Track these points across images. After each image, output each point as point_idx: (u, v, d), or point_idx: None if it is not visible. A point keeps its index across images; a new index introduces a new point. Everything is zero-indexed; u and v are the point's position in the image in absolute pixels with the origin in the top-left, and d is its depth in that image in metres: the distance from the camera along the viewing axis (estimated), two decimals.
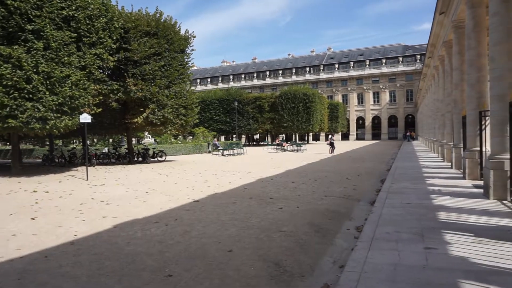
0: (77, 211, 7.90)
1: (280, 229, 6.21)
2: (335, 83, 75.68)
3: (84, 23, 14.55)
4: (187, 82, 21.25)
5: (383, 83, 70.40)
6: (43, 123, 13.06)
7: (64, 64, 13.61)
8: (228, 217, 7.11)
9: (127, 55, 17.33)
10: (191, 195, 9.70)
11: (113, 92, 17.13)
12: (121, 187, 11.31)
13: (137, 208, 8.08)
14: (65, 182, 12.92)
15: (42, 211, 7.92)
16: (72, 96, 13.58)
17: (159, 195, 9.72)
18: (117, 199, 9.19)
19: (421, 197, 8.15)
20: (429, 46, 23.15)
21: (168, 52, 19.15)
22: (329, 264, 4.64)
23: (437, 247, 4.61)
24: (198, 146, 33.63)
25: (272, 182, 11.93)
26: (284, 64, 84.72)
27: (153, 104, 17.99)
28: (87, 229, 6.38)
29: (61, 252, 5.16)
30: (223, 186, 11.17)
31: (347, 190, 10.23)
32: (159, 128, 19.27)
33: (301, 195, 9.51)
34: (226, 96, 49.60)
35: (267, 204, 8.39)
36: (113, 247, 5.36)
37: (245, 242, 5.49)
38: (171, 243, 5.53)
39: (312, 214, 7.35)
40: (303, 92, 47.48)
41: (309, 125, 47.36)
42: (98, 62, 15.07)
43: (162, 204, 8.48)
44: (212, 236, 5.84)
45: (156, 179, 13.17)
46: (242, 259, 4.78)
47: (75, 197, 9.63)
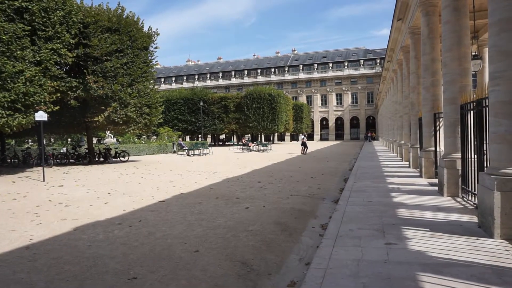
0: (32, 214, 7.49)
1: (246, 229, 6.23)
2: (299, 84, 76.95)
3: (39, 16, 13.78)
4: (151, 80, 20.76)
5: (346, 85, 72.52)
6: None
7: (17, 59, 12.84)
8: (194, 218, 7.03)
9: (87, 51, 16.62)
10: (156, 195, 9.49)
11: (72, 90, 16.37)
12: (81, 188, 10.85)
13: (98, 210, 7.80)
14: (19, 183, 12.19)
15: None
16: (26, 92, 12.84)
17: (122, 196, 9.43)
18: (77, 201, 8.81)
19: (382, 195, 8.47)
20: (388, 50, 24.14)
21: (130, 49, 18.59)
22: (295, 262, 4.72)
23: (397, 243, 4.81)
24: (163, 146, 32.97)
25: (238, 182, 11.93)
26: (250, 64, 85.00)
27: (115, 102, 17.39)
28: (44, 233, 6.07)
29: (15, 258, 4.88)
30: (188, 186, 11.03)
31: (312, 189, 10.43)
32: (121, 128, 18.62)
33: (267, 194, 9.59)
34: (191, 95, 49.00)
35: (233, 203, 8.39)
36: (73, 250, 5.13)
37: (211, 242, 5.46)
38: (135, 244, 5.38)
39: (278, 213, 7.43)
40: (268, 92, 47.87)
41: (275, 125, 47.83)
42: (55, 57, 14.34)
43: (125, 205, 8.23)
44: (178, 237, 5.75)
45: (118, 180, 12.75)
46: (208, 259, 4.74)
47: (31, 199, 9.12)
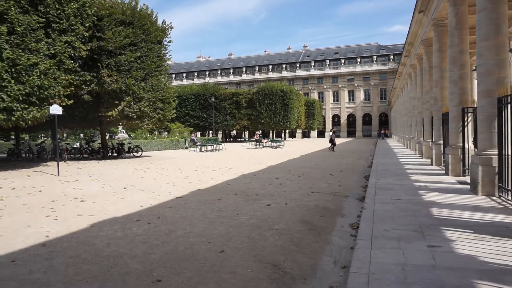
0: (48, 209, 7.25)
1: (271, 227, 5.88)
2: (311, 80, 76.19)
3: (53, 8, 13.57)
4: (164, 75, 20.50)
5: (358, 82, 71.54)
6: (8, 115, 12.10)
7: (32, 51, 12.66)
8: (214, 215, 6.71)
9: (101, 44, 16.41)
10: (173, 191, 9.20)
11: (86, 83, 16.19)
12: (96, 183, 10.63)
13: (115, 206, 7.53)
14: (34, 177, 12.04)
15: (8, 210, 7.22)
16: (40, 86, 12.65)
17: (138, 192, 9.16)
18: (93, 196, 8.57)
19: (410, 193, 8.04)
20: (406, 45, 23.45)
21: (144, 42, 18.33)
22: (330, 265, 4.35)
23: (440, 245, 4.41)
24: (175, 142, 32.82)
25: (256, 178, 11.58)
26: (261, 60, 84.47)
27: (128, 96, 17.18)
28: (61, 229, 5.80)
29: (31, 255, 4.60)
30: (205, 182, 10.72)
31: (332, 186, 10.04)
32: (135, 122, 18.40)
33: (287, 191, 9.23)
34: (203, 91, 48.77)
35: (254, 200, 8.04)
36: (91, 248, 4.85)
37: (236, 242, 5.12)
38: (156, 243, 5.07)
39: (302, 211, 7.07)
40: (281, 88, 47.36)
41: (287, 121, 47.33)
42: (69, 50, 14.14)
43: (142, 201, 7.95)
44: (200, 235, 5.43)
45: (133, 175, 12.52)
46: (236, 260, 4.41)
47: (46, 194, 8.91)
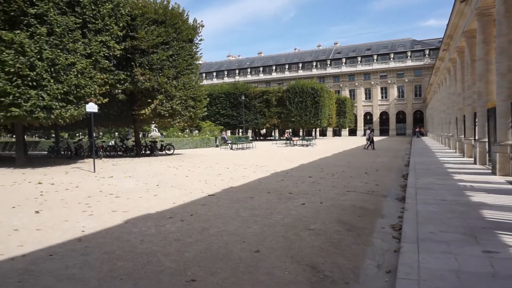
0: (84, 204, 7.36)
1: (308, 227, 5.63)
2: (342, 78, 74.71)
3: (89, 9, 13.95)
4: (196, 73, 20.64)
5: (391, 78, 69.38)
6: (47, 113, 12.52)
7: (69, 51, 13.04)
8: (248, 213, 6.53)
9: (134, 44, 16.71)
10: (205, 189, 9.13)
11: (120, 82, 16.55)
12: (130, 180, 10.76)
13: (148, 202, 7.53)
14: (72, 174, 12.40)
15: (47, 204, 7.39)
16: (77, 84, 13.01)
17: (171, 189, 9.16)
18: (127, 192, 8.65)
19: (454, 193, 7.53)
20: (445, 38, 22.34)
21: (176, 41, 18.51)
22: (373, 269, 4.05)
23: (498, 251, 4.00)
24: (206, 140, 33.09)
25: (288, 177, 11.33)
26: (291, 58, 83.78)
27: (161, 95, 17.40)
28: (96, 225, 5.83)
29: (68, 250, 4.61)
30: (237, 180, 10.59)
31: (369, 185, 9.62)
32: (167, 120, 18.64)
33: (322, 190, 8.92)
34: (233, 90, 48.91)
35: (287, 199, 7.81)
36: (125, 245, 4.80)
37: (272, 241, 4.91)
38: (189, 241, 4.96)
39: (338, 210, 6.76)
40: (311, 86, 46.67)
41: (317, 120, 46.59)
42: (104, 50, 14.48)
43: (175, 198, 7.92)
44: (234, 234, 5.26)
45: (166, 172, 12.61)
46: (272, 261, 4.20)
47: (82, 190, 9.10)
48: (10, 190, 9.10)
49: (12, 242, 4.96)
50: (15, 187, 9.60)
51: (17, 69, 11.79)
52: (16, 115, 12.01)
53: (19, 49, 11.87)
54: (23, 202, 7.56)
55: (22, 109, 11.96)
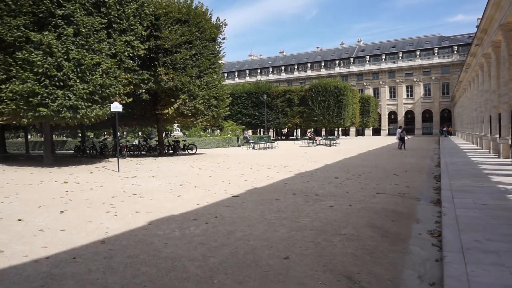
0: (108, 204, 7.30)
1: (338, 232, 5.32)
2: (365, 76, 73.24)
3: (114, 9, 14.06)
4: (218, 72, 20.55)
5: (417, 76, 67.42)
6: (74, 112, 12.67)
7: (95, 51, 13.17)
8: (274, 216, 6.28)
9: (158, 43, 16.75)
10: (229, 189, 8.93)
11: (144, 82, 16.63)
12: (153, 180, 10.71)
13: (172, 203, 7.39)
14: (96, 173, 12.50)
15: (72, 204, 7.37)
16: (102, 84, 13.12)
17: (194, 189, 9.02)
18: (150, 193, 8.56)
19: (496, 196, 7.02)
20: (478, 32, 21.31)
21: (199, 40, 18.45)
22: (414, 280, 3.72)
23: None
24: (227, 140, 33.04)
25: (314, 177, 11.00)
26: (313, 57, 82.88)
27: (184, 94, 17.37)
28: (120, 226, 5.71)
29: (91, 253, 4.48)
30: (261, 181, 10.35)
31: (399, 187, 9.17)
32: (190, 120, 18.62)
33: (349, 192, 8.56)
34: (255, 89, 48.72)
35: (314, 201, 7.50)
36: (149, 248, 4.64)
37: (301, 247, 4.64)
38: (214, 245, 4.75)
39: (370, 214, 6.40)
40: (334, 85, 45.89)
41: (340, 119, 45.77)
42: (128, 50, 14.56)
43: (198, 199, 7.75)
44: (260, 238, 5.02)
45: (189, 172, 12.52)
46: (303, 269, 3.93)
47: (107, 189, 9.08)
48: (37, 189, 9.20)
49: (36, 243, 4.90)
50: (42, 186, 9.72)
51: (45, 69, 11.99)
52: (44, 114, 12.22)
53: (47, 50, 12.07)
54: (49, 202, 7.58)
55: (50, 109, 12.15)
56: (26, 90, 12.00)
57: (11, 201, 7.73)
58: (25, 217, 6.29)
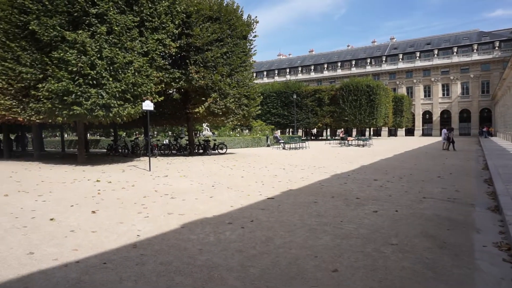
0: (140, 205, 7.06)
1: (388, 241, 4.78)
2: (398, 75, 70.88)
3: (146, 7, 14.01)
4: (249, 70, 20.20)
5: (454, 74, 64.48)
6: (106, 111, 12.70)
7: (127, 50, 13.15)
8: (314, 221, 5.80)
9: (189, 41, 16.59)
10: (263, 191, 8.52)
11: (175, 81, 16.53)
12: (185, 180, 10.47)
13: (205, 205, 7.06)
14: (128, 172, 12.45)
15: (104, 204, 7.20)
16: (134, 83, 13.07)
17: (227, 190, 8.67)
18: (182, 193, 8.28)
19: None
20: None
21: (230, 38, 18.17)
22: None
23: None
24: (257, 140, 32.72)
25: (351, 179, 10.39)
26: (343, 56, 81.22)
27: (215, 93, 17.14)
28: (152, 228, 5.43)
29: (122, 258, 4.19)
30: (296, 182, 9.87)
31: (448, 191, 8.43)
32: (220, 119, 18.37)
33: (393, 195, 7.93)
34: (284, 88, 48.13)
35: (356, 205, 6.95)
36: (183, 255, 4.29)
37: (350, 258, 4.15)
38: (253, 253, 4.34)
39: (420, 221, 5.80)
40: (366, 83, 44.55)
41: (373, 119, 44.36)
42: (160, 48, 14.47)
43: (232, 201, 7.39)
44: (303, 247, 4.57)
45: (220, 172, 12.23)
46: (356, 285, 3.45)
47: (138, 189, 8.90)
48: (70, 188, 9.16)
49: (67, 245, 4.68)
50: (75, 184, 9.69)
51: (79, 68, 12.07)
52: (78, 113, 12.31)
53: (81, 49, 12.15)
54: (81, 201, 7.46)
55: (83, 107, 12.22)
56: (61, 89, 12.12)
57: (45, 199, 7.67)
58: (57, 217, 6.14)
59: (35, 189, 8.92)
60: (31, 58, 13.66)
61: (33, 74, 13.54)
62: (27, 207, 6.94)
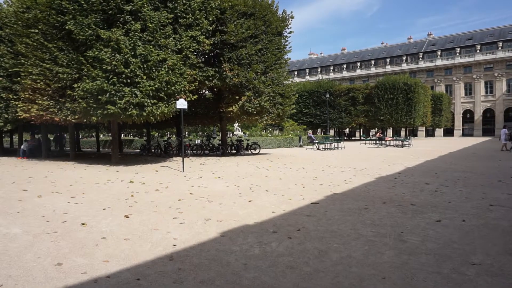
0: (175, 209, 6.58)
1: (468, 259, 4.00)
2: (437, 72, 67.67)
3: (180, 3, 13.67)
4: (284, 67, 19.52)
5: (499, 71, 60.67)
6: (140, 110, 12.45)
7: (161, 47, 12.85)
8: (370, 231, 5.08)
9: (223, 38, 16.12)
10: (304, 195, 7.85)
11: (208, 79, 16.12)
12: (220, 182, 9.96)
13: (244, 210, 6.48)
14: (161, 173, 12.12)
15: (137, 207, 6.78)
16: (168, 81, 12.75)
17: (265, 194, 8.05)
18: (219, 196, 7.75)
19: None
20: None
21: (265, 34, 17.56)
22: None
23: None
24: (289, 140, 31.96)
25: (399, 182, 9.50)
26: (377, 53, 78.68)
27: (249, 91, 16.58)
28: (188, 237, 4.90)
29: (158, 273, 3.67)
30: (339, 185, 9.11)
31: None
32: (254, 118, 17.76)
33: (452, 202, 7.02)
34: (317, 87, 47.00)
35: (413, 213, 6.14)
36: (226, 271, 3.71)
37: (426, 281, 3.43)
38: (307, 270, 3.70)
39: (497, 234, 4.95)
40: (404, 81, 42.61)
41: (410, 118, 42.36)
42: (194, 45, 14.10)
43: (272, 206, 6.77)
44: (364, 264, 3.87)
45: (256, 174, 11.63)
46: None
47: (172, 191, 8.46)
48: (103, 189, 8.87)
49: (97, 255, 4.22)
50: (108, 185, 9.41)
51: (113, 66, 11.88)
52: (112, 112, 12.13)
53: (115, 47, 11.96)
54: (114, 204, 7.08)
55: (117, 107, 12.02)
56: (95, 88, 11.98)
57: (77, 201, 7.37)
58: (89, 221, 5.75)
59: (69, 190, 8.69)
60: (67, 58, 13.67)
61: (69, 74, 13.54)
62: (60, 209, 6.64)
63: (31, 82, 14.43)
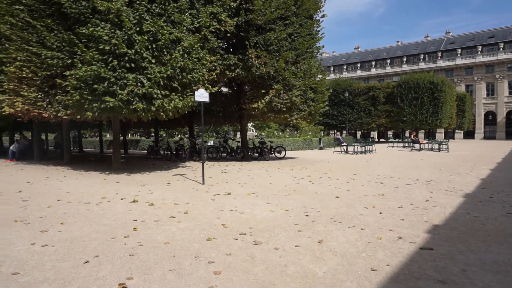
0: (205, 264, 3.85)
1: None
2: (456, 71, 64.50)
3: None
4: (317, 58, 16.78)
5: None
6: (147, 103, 9.79)
7: (174, 24, 10.20)
8: None
9: (249, 18, 13.35)
10: (394, 228, 5.11)
11: (230, 68, 13.38)
12: (257, 201, 7.19)
13: (319, 264, 3.73)
14: (175, 185, 9.39)
15: (142, 258, 4.07)
16: (183, 67, 10.09)
17: (334, 226, 5.28)
18: (266, 231, 5.01)
19: None
20: None
21: (295, 17, 14.79)
22: None
23: None
24: (308, 141, 29.20)
25: (508, 206, 6.69)
26: (393, 52, 75.67)
27: (278, 84, 13.83)
28: None
29: None
30: (426, 209, 6.34)
31: None
32: (283, 116, 14.83)
33: None
34: (334, 86, 44.05)
35: None
36: None
37: None
38: None
39: None
40: (429, 80, 39.57)
41: (436, 119, 39.26)
42: (214, 24, 11.42)
43: (363, 254, 4.02)
44: None
45: (299, 188, 8.84)
46: None
47: (195, 220, 5.73)
48: (94, 215, 6.14)
49: None
50: (102, 207, 6.70)
51: (113, 46, 9.26)
52: (111, 106, 9.46)
53: (115, 21, 9.34)
54: (105, 248, 4.37)
55: (118, 99, 9.36)
56: (90, 74, 9.35)
57: (48, 241, 4.65)
58: None
59: (42, 216, 5.98)
60: (57, 39, 11.07)
61: (59, 59, 10.92)
62: (11, 262, 3.96)
63: (15, 70, 11.79)
